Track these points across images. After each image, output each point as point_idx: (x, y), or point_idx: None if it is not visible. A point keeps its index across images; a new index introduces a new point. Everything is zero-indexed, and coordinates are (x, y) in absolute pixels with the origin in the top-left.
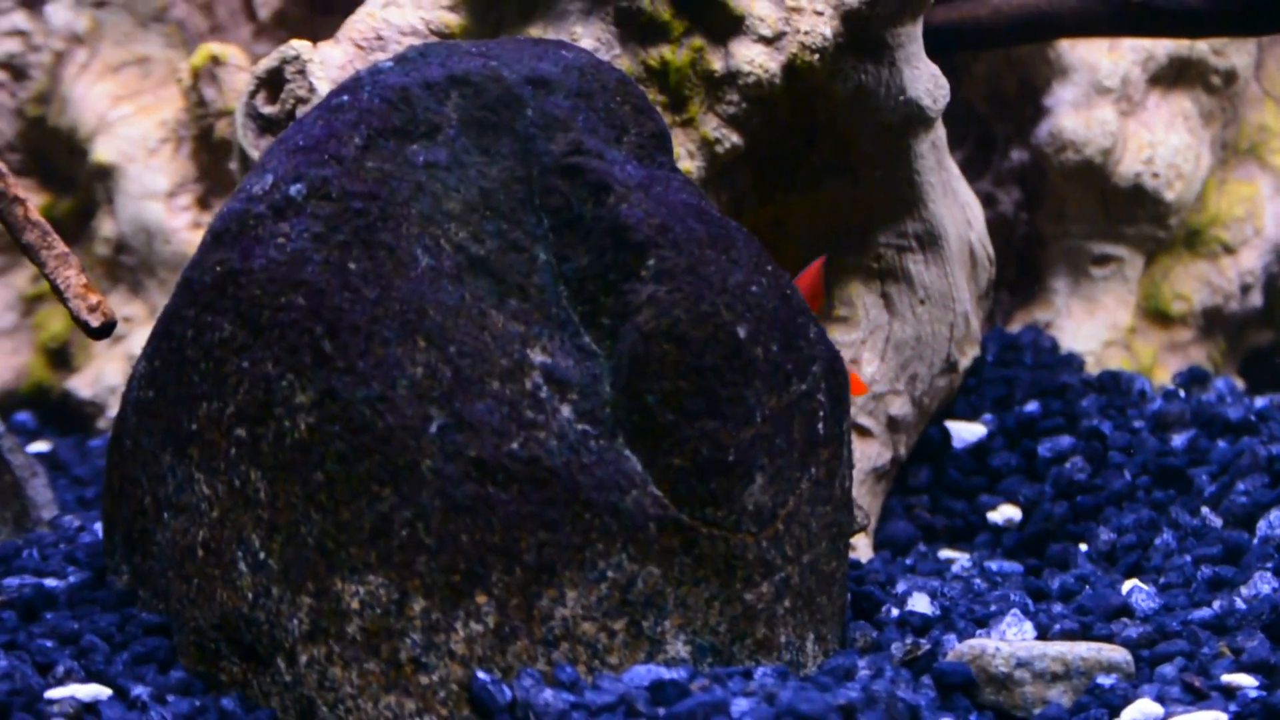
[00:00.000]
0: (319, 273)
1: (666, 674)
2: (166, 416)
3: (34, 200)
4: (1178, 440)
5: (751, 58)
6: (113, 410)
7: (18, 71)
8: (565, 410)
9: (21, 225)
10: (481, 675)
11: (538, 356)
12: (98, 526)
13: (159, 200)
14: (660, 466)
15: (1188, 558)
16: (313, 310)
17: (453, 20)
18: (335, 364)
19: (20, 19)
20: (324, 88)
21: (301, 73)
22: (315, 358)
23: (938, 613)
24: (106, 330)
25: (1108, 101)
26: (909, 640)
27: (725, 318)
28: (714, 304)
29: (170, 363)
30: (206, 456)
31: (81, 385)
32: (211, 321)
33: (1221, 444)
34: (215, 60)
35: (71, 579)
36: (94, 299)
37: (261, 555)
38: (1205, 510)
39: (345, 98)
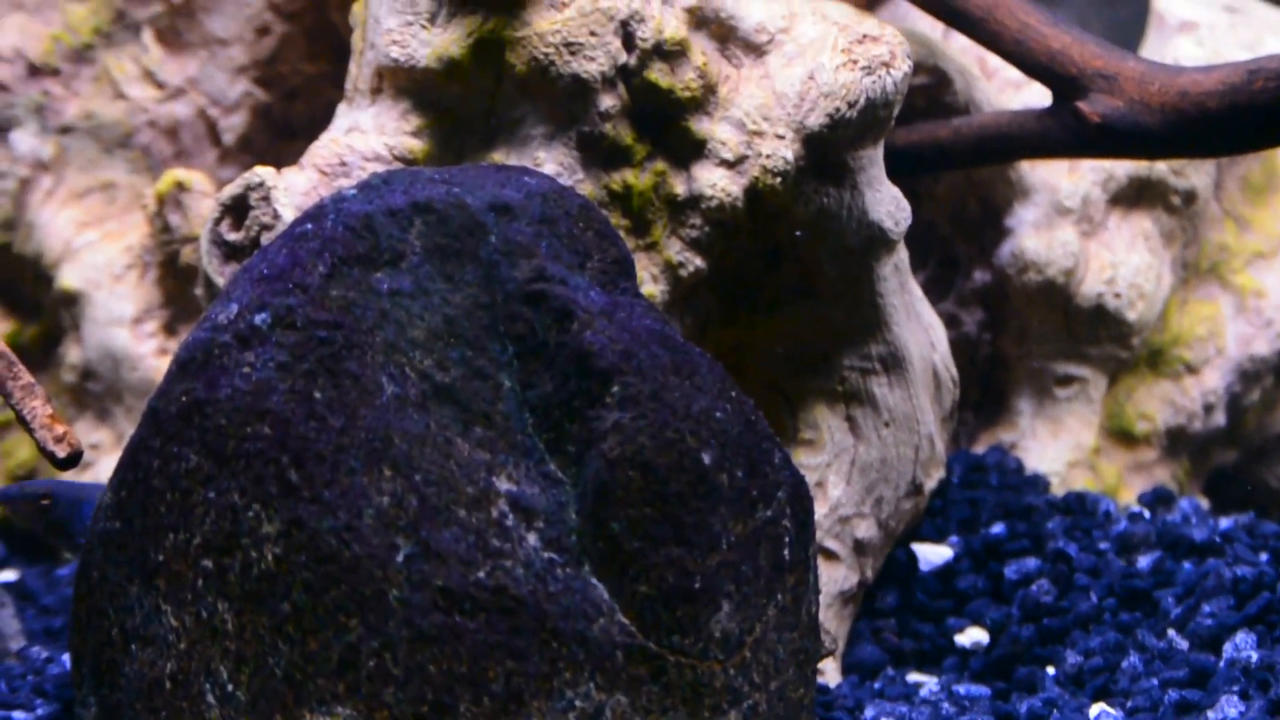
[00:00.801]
0: (285, 402)
1: None
2: (133, 547)
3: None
4: (1143, 562)
5: (714, 181)
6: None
7: None
8: (532, 538)
9: None
10: None
11: (503, 484)
12: (66, 658)
13: (125, 326)
14: (627, 594)
15: (1154, 681)
16: (279, 440)
17: (416, 146)
18: (301, 493)
19: None
20: (288, 214)
21: (266, 199)
22: (281, 487)
23: None
24: (73, 460)
25: (1069, 222)
26: None
27: (690, 444)
28: (679, 430)
29: (136, 493)
30: (173, 587)
31: None
32: (177, 452)
33: (1187, 565)
34: (180, 186)
35: (40, 711)
36: (60, 429)
37: (230, 687)
38: (1171, 633)
39: (309, 226)
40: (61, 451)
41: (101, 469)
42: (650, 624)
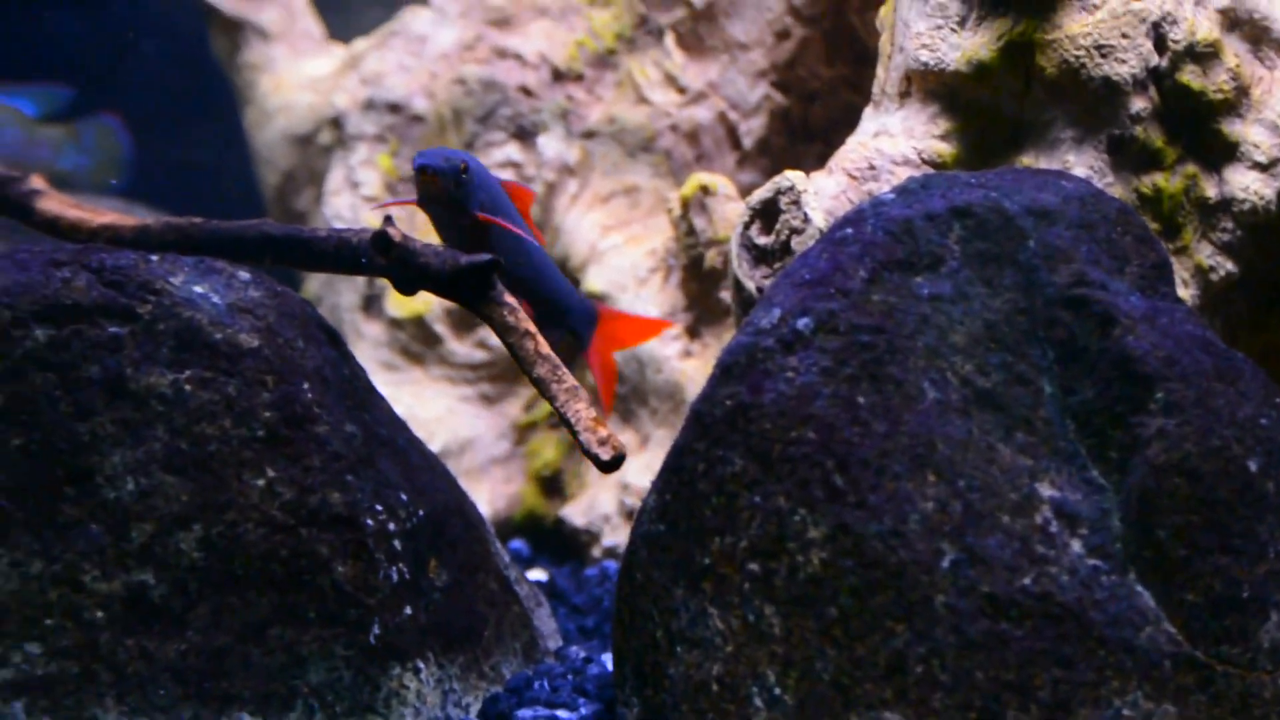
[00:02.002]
0: (829, 406)
1: None
2: (678, 550)
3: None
4: None
5: (1246, 184)
6: (607, 538)
7: None
8: (1075, 545)
9: (532, 359)
10: None
11: (1046, 490)
12: (604, 657)
13: None
14: (1173, 602)
15: None
16: (823, 444)
17: (944, 149)
18: (847, 498)
19: (514, 150)
20: (818, 218)
21: (796, 203)
22: (827, 492)
23: None
24: (616, 463)
25: None
26: None
27: (1236, 451)
28: (1224, 437)
29: (681, 497)
30: (720, 591)
31: (575, 513)
32: (723, 456)
33: None
34: (705, 190)
35: (583, 710)
36: (603, 432)
37: (776, 691)
38: None
39: (849, 230)
40: (605, 454)
41: (627, 470)
42: (1197, 633)
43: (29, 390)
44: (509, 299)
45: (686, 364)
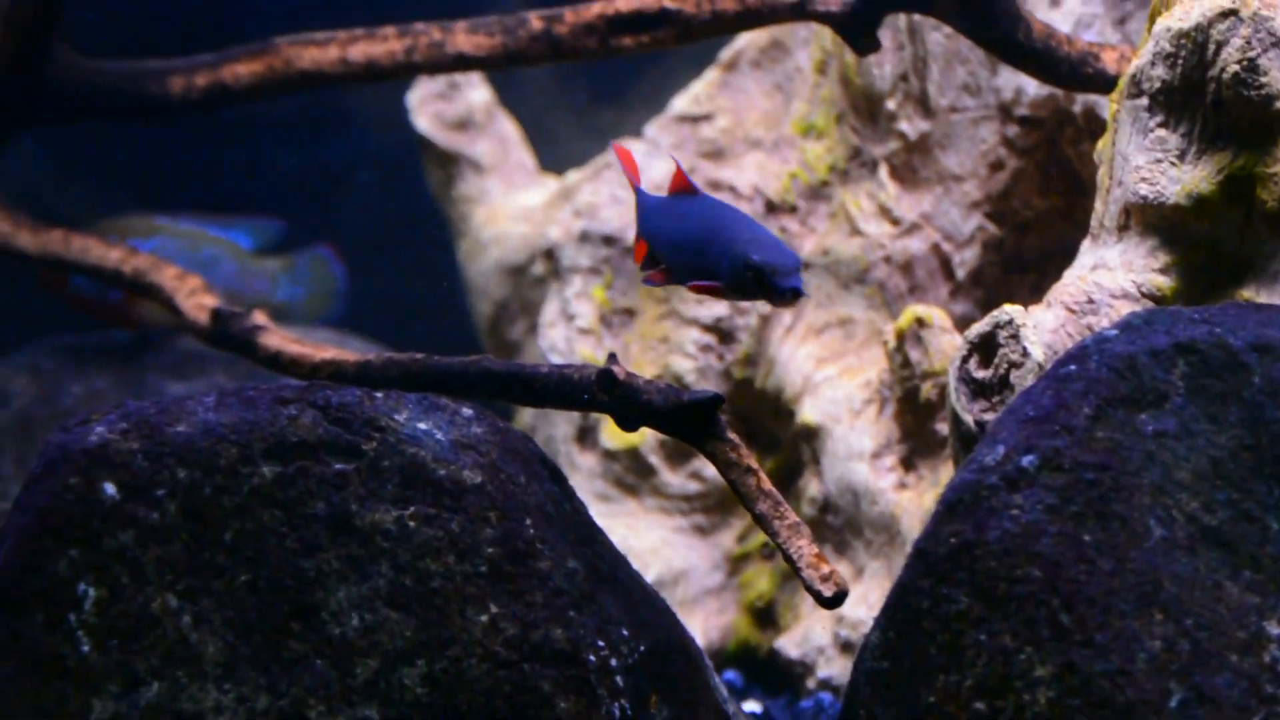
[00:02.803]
0: (1053, 544)
1: None
2: (902, 688)
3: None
4: None
5: None
6: (821, 670)
7: (725, 335)
8: None
9: (755, 495)
10: None
11: (1275, 629)
12: None
13: (864, 461)
14: None
15: None
16: (1049, 582)
17: (1164, 283)
18: (1074, 636)
19: None
20: (1037, 351)
21: (1014, 337)
22: (1053, 630)
23: None
24: (839, 600)
25: None
26: None
27: None
28: None
29: (905, 634)
30: None
31: (789, 645)
32: (948, 593)
33: None
34: (920, 322)
35: None
36: (826, 569)
37: None
38: None
39: (1072, 367)
40: (828, 591)
41: (850, 600)
42: None
43: (256, 526)
44: (731, 435)
45: (901, 496)
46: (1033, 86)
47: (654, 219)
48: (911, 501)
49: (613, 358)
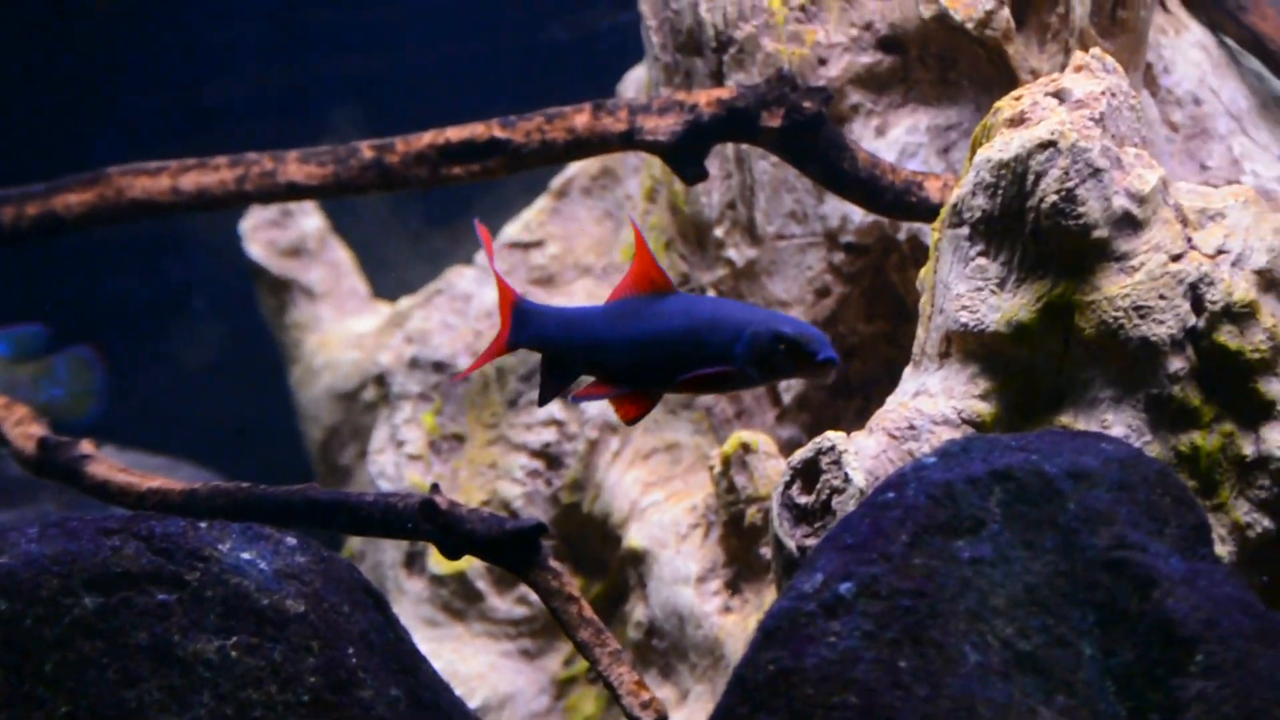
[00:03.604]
0: (870, 671)
1: None
2: None
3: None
4: None
5: None
6: None
7: (553, 460)
8: None
9: (576, 623)
10: None
11: None
12: None
13: (689, 585)
14: None
15: None
16: (865, 709)
17: (984, 409)
18: None
19: (556, 408)
20: (858, 478)
21: (836, 463)
22: None
23: None
24: None
25: None
26: None
27: (1276, 714)
28: (1263, 700)
29: None
30: None
31: None
32: None
33: None
34: (746, 448)
35: None
36: (646, 695)
37: None
38: None
39: (890, 495)
40: (648, 717)
41: None
42: None
43: (77, 657)
44: (553, 563)
45: (726, 620)
46: (858, 214)
47: (601, 324)
48: (736, 625)
49: (435, 488)
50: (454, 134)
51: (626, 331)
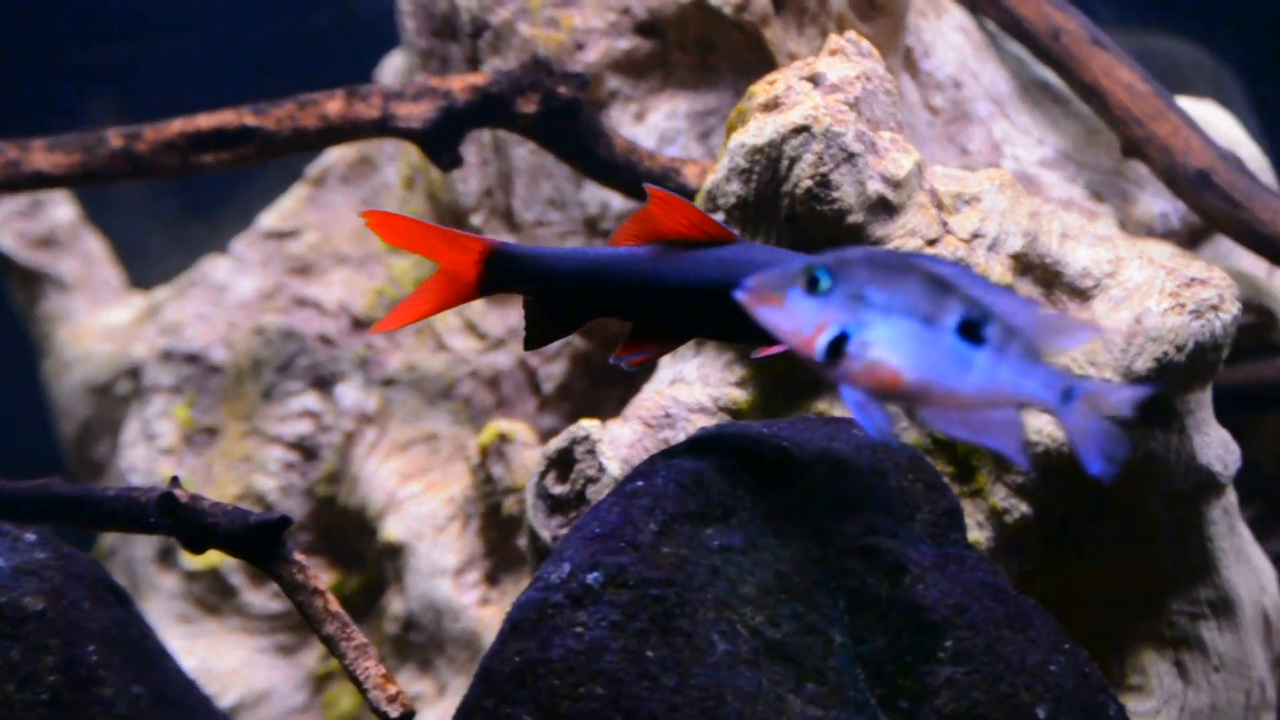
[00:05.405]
0: (618, 661)
1: None
2: None
3: (323, 579)
4: None
5: (1040, 427)
6: None
7: (309, 452)
8: None
9: (321, 617)
10: None
11: None
12: None
13: (447, 578)
14: None
15: None
16: (612, 700)
17: (740, 396)
18: None
19: (312, 400)
20: (613, 467)
21: (591, 452)
22: None
23: None
24: None
25: None
26: None
27: (1024, 698)
28: (1013, 685)
29: None
30: None
31: None
32: (510, 712)
33: None
34: (503, 438)
35: None
36: (392, 689)
37: None
38: None
39: (639, 483)
40: (394, 711)
41: (433, 718)
42: None
43: None
44: (298, 557)
45: (484, 612)
46: (618, 201)
47: (646, 266)
48: (495, 618)
49: (175, 480)
50: (205, 121)
51: (680, 275)
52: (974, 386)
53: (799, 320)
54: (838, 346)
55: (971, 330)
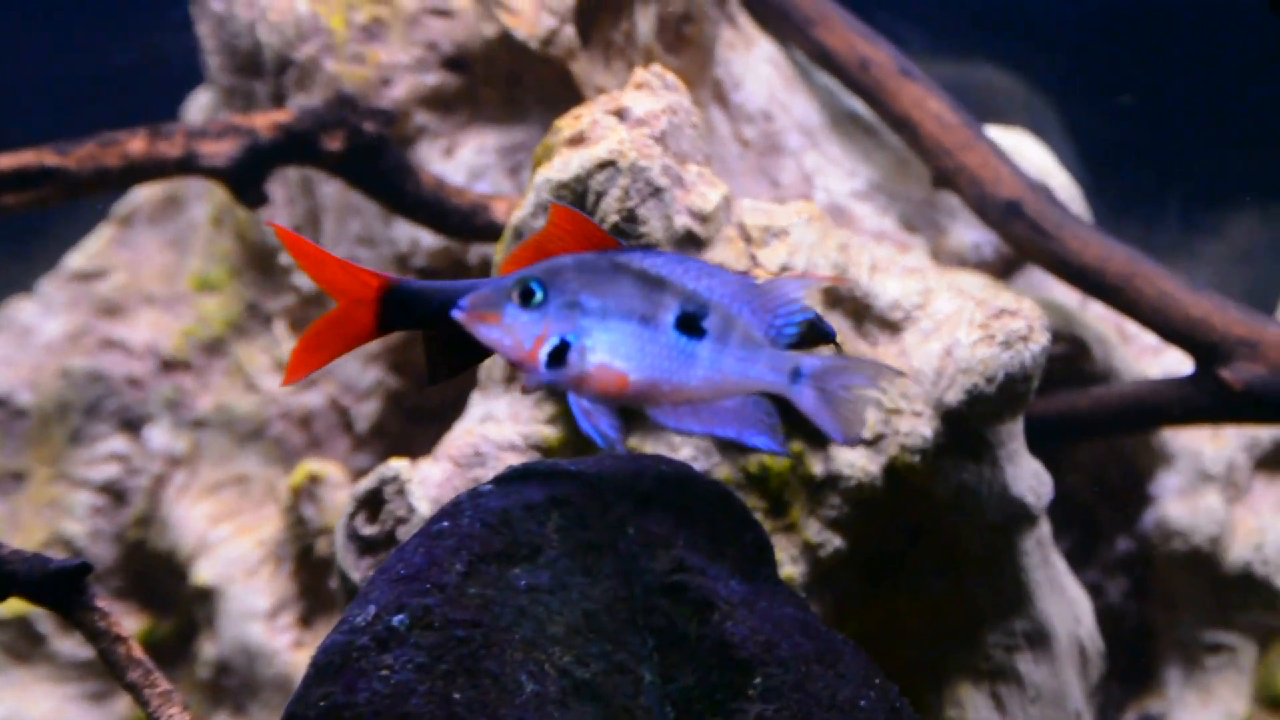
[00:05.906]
0: (424, 704)
1: None
2: None
3: (134, 625)
4: None
5: (852, 460)
6: None
7: (118, 496)
8: None
9: (125, 664)
10: None
11: None
12: None
13: (260, 621)
14: None
15: None
16: None
17: (551, 434)
18: None
19: (120, 443)
20: (423, 507)
21: (400, 493)
22: None
23: None
24: None
25: (1214, 489)
26: None
27: None
28: None
29: None
30: None
31: None
32: None
33: None
34: (313, 479)
35: None
36: None
37: None
38: None
39: (445, 524)
40: None
41: None
42: None
43: None
44: (100, 604)
45: (298, 655)
46: (429, 237)
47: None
48: (308, 661)
49: None
50: (4, 162)
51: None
52: (700, 379)
53: (518, 334)
54: (560, 356)
55: (691, 323)
